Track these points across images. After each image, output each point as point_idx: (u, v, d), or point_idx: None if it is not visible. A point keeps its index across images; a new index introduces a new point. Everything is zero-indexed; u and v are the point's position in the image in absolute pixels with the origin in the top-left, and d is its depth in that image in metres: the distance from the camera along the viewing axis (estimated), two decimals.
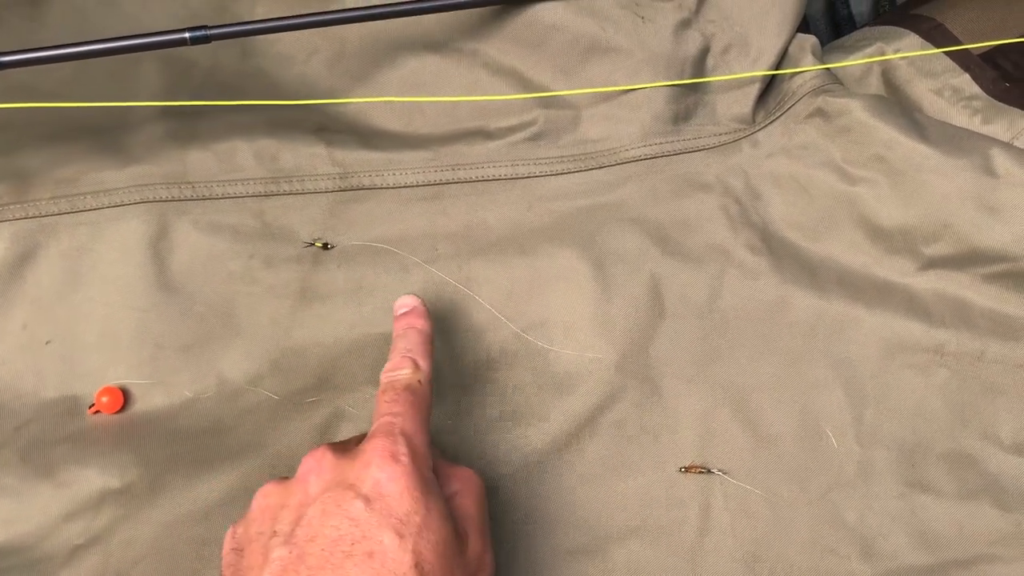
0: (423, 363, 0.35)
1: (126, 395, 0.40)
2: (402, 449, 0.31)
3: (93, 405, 0.39)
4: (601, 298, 0.41)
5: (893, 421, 0.41)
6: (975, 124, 0.44)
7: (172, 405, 0.40)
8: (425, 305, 0.37)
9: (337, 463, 0.31)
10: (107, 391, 0.39)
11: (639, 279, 0.42)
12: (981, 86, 0.45)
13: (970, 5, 0.48)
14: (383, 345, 0.41)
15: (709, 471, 0.40)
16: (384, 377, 0.34)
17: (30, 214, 0.40)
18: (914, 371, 0.41)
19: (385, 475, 0.30)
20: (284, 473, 0.38)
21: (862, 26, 0.55)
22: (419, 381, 0.34)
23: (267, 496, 0.32)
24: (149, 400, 0.40)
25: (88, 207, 0.40)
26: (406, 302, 0.38)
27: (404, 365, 0.34)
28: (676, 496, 0.40)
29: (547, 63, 0.43)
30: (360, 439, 0.34)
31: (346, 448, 0.32)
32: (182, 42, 0.38)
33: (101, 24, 0.43)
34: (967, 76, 0.45)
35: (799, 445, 0.41)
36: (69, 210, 0.40)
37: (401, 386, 0.33)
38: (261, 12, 0.43)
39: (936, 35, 0.47)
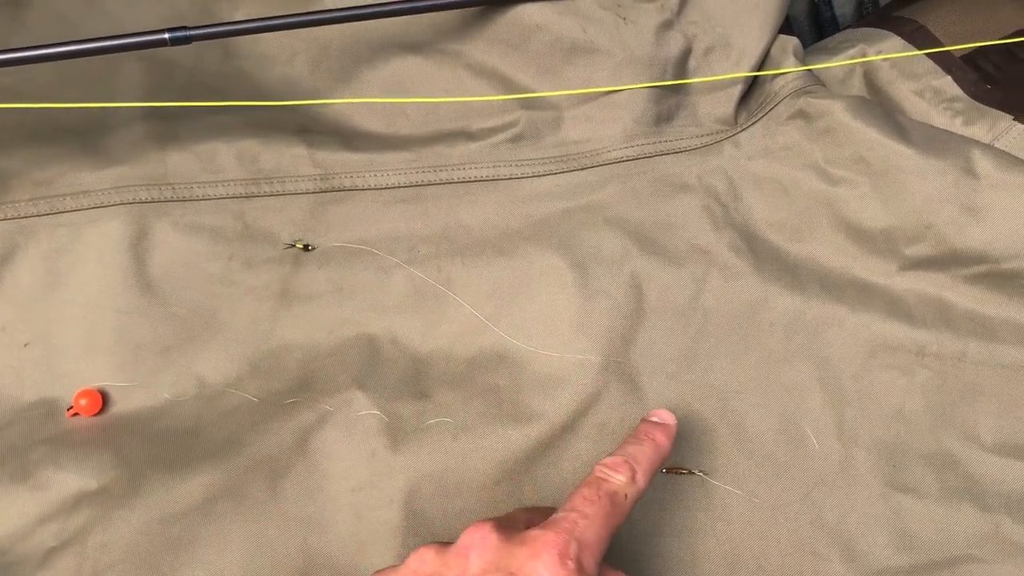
0: (641, 480, 0.33)
1: (105, 397, 0.39)
2: (573, 553, 0.30)
3: (72, 407, 0.39)
4: (583, 299, 0.41)
5: (874, 422, 0.41)
6: (956, 126, 0.44)
7: (151, 407, 0.39)
8: (676, 430, 0.36)
9: (501, 545, 0.30)
10: (86, 393, 0.39)
11: (621, 279, 0.42)
12: (963, 88, 0.45)
13: (952, 8, 0.48)
14: (364, 346, 0.41)
15: (690, 472, 0.40)
16: (597, 470, 0.33)
17: (9, 215, 0.40)
18: (895, 372, 0.41)
19: (548, 573, 0.29)
20: (265, 473, 0.38)
21: (845, 28, 0.55)
22: (625, 495, 0.33)
23: (423, 562, 0.31)
24: (128, 402, 0.40)
25: (68, 208, 0.40)
26: (663, 416, 0.36)
27: (622, 471, 0.33)
28: (657, 497, 0.40)
29: (529, 64, 0.43)
30: (526, 515, 0.34)
31: (512, 528, 0.31)
32: (162, 43, 0.38)
33: (84, 26, 0.43)
34: (949, 78, 0.45)
35: (780, 446, 0.41)
36: (48, 211, 0.40)
37: (606, 491, 0.32)
38: (244, 13, 0.43)
39: (918, 37, 0.47)
